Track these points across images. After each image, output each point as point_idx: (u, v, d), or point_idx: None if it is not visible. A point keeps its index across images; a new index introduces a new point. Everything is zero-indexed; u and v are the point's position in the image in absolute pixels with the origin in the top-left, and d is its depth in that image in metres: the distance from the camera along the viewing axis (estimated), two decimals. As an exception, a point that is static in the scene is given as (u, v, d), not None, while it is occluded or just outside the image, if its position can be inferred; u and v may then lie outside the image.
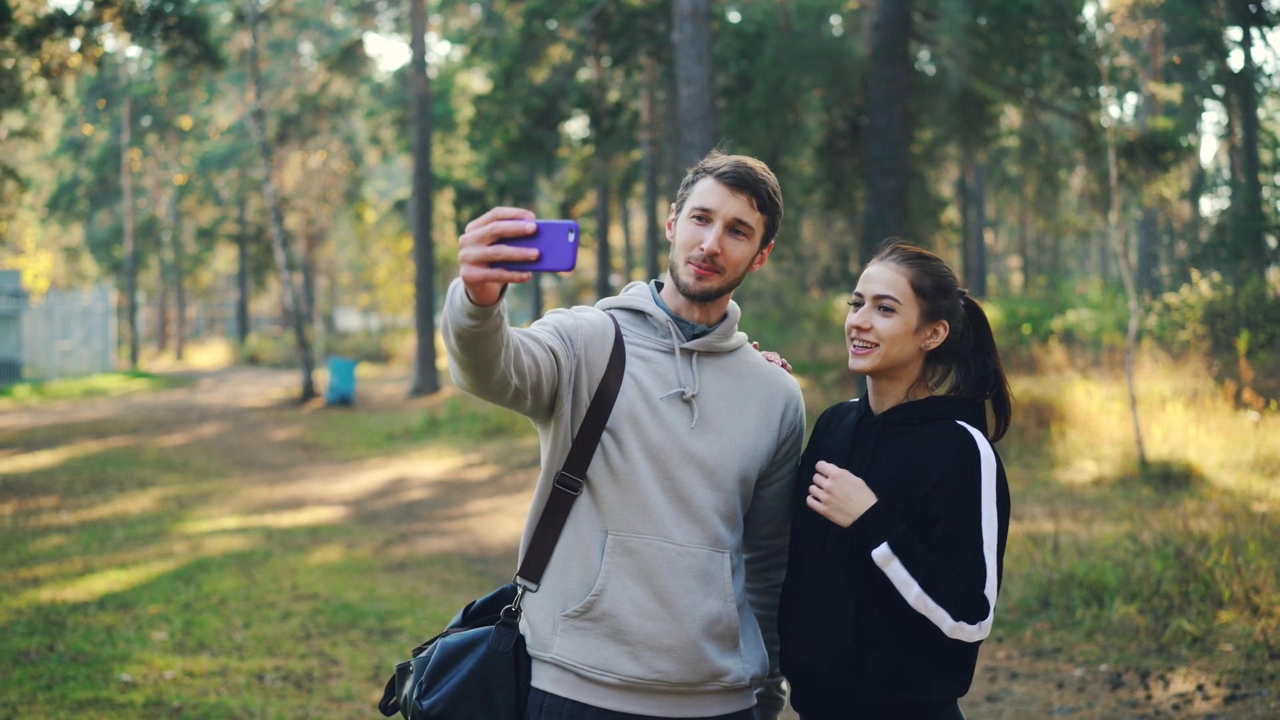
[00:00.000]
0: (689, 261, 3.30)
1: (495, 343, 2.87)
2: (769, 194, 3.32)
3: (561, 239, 2.66)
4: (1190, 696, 7.34)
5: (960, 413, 3.37)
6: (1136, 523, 10.99)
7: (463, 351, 2.88)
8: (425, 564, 11.93)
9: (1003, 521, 3.26)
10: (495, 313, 2.78)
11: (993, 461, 3.27)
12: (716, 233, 3.27)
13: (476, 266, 2.67)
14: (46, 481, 17.16)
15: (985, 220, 44.43)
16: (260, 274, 54.20)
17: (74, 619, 9.36)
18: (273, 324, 73.59)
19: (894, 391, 3.43)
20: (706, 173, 3.34)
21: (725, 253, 3.28)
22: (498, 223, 2.67)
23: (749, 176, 3.30)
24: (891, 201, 18.66)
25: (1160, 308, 21.57)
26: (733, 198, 3.28)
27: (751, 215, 3.30)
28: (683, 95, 17.63)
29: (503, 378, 2.99)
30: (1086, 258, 60.60)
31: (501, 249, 2.65)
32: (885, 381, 3.43)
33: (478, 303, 2.74)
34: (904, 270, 3.39)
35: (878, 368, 3.38)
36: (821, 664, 3.31)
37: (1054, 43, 18.83)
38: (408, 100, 38.60)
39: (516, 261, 2.65)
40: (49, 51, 22.87)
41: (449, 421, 24.34)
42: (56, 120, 55.66)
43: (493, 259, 2.65)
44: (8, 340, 36.70)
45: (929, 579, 3.18)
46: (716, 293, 3.33)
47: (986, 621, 3.19)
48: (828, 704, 3.35)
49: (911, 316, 3.36)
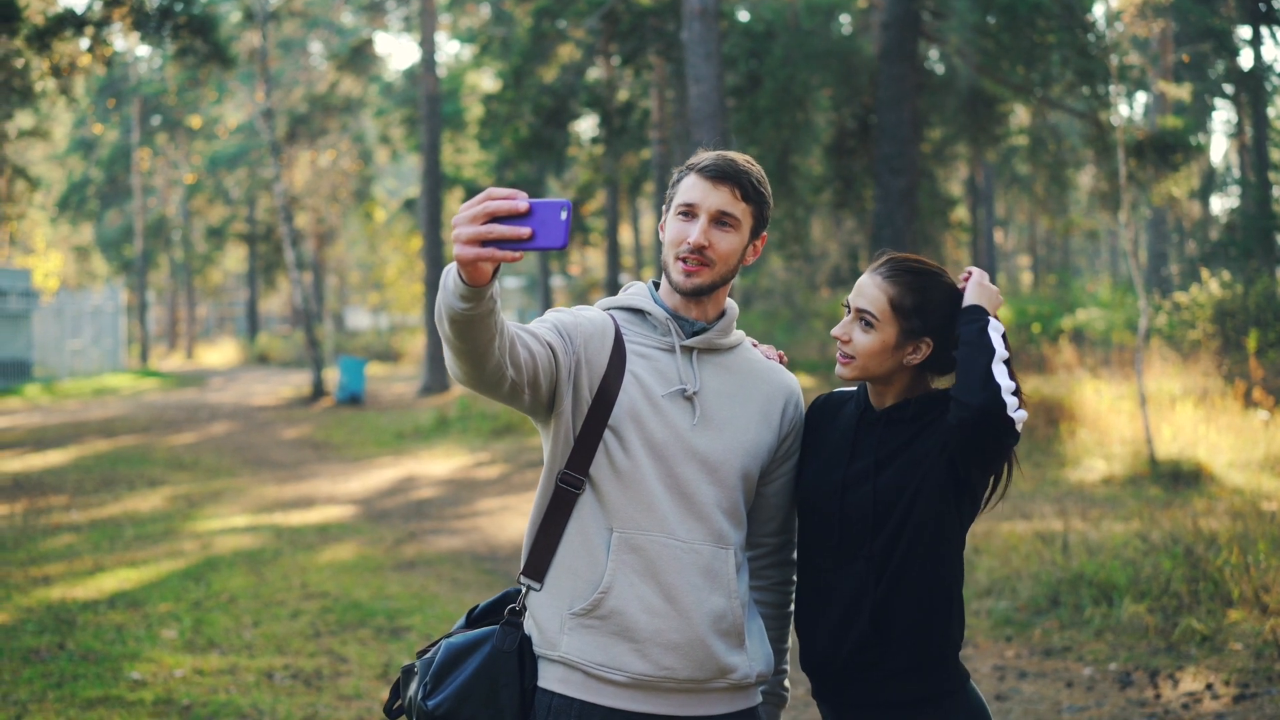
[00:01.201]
0: (678, 258, 3.31)
1: (489, 328, 2.86)
2: (752, 184, 3.32)
3: (554, 217, 2.66)
4: (1199, 695, 7.33)
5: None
6: (1146, 522, 10.97)
7: (456, 337, 2.88)
8: (435, 562, 11.94)
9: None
10: (488, 295, 2.78)
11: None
12: (701, 226, 3.28)
13: (469, 245, 2.67)
14: (57, 480, 17.19)
15: (995, 219, 44.41)
16: (270, 273, 54.26)
17: (84, 617, 9.38)
18: (282, 323, 73.66)
19: (890, 392, 3.45)
20: (690, 169, 3.36)
21: (713, 245, 3.29)
22: (490, 202, 2.67)
23: (730, 168, 3.31)
24: (900, 200, 18.66)
25: (1170, 306, 21.56)
26: (715, 190, 3.29)
27: (736, 206, 3.30)
28: (692, 94, 17.64)
29: (498, 368, 2.99)
30: (1097, 256, 60.54)
31: (494, 228, 2.66)
32: (880, 384, 3.46)
33: (470, 283, 2.73)
34: (887, 287, 3.40)
35: (857, 379, 3.42)
36: (841, 655, 3.33)
37: (1063, 41, 18.81)
38: (417, 99, 38.62)
39: (509, 240, 2.66)
40: (59, 51, 22.93)
41: (459, 420, 24.35)
42: (66, 120, 55.83)
43: (485, 238, 2.66)
44: (18, 339, 36.77)
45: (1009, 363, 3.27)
46: (709, 287, 3.33)
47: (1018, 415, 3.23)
48: (849, 695, 3.36)
49: (889, 334, 3.38)
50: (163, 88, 51.83)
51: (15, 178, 32.92)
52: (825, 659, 3.39)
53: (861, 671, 3.34)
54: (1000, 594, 9.67)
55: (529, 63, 25.57)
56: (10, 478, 17.34)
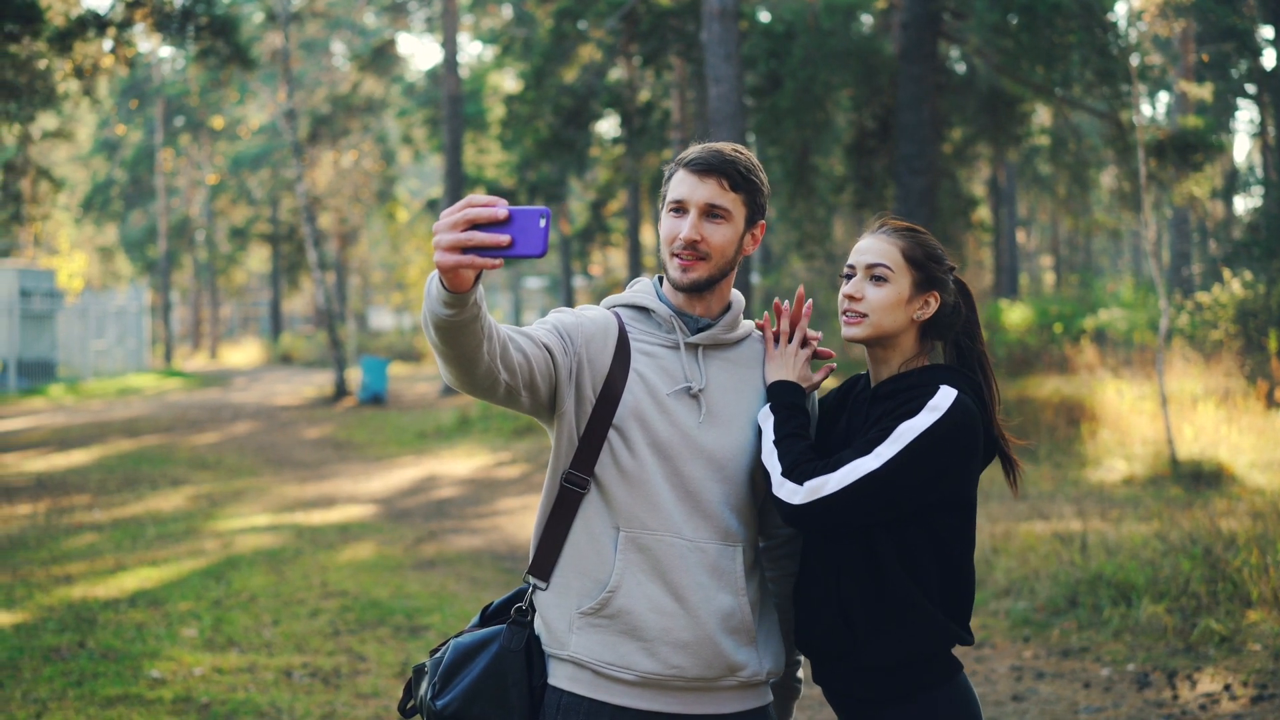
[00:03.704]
0: (673, 255, 3.32)
1: (475, 333, 2.88)
2: (740, 173, 3.31)
3: (533, 225, 2.68)
4: (1217, 696, 7.31)
5: (946, 377, 3.34)
6: (1165, 522, 10.94)
7: (443, 343, 2.89)
8: (454, 561, 11.98)
9: (899, 468, 3.18)
10: (471, 301, 2.80)
11: (944, 417, 3.22)
12: (692, 220, 3.28)
13: (449, 253, 2.69)
14: (80, 480, 17.28)
15: (1017, 219, 44.27)
16: (293, 273, 54.40)
17: (105, 616, 9.43)
18: (306, 323, 73.89)
19: (890, 363, 3.43)
20: (678, 165, 3.37)
21: (706, 239, 3.29)
22: (470, 209, 2.69)
23: (715, 159, 3.30)
24: (920, 200, 18.64)
25: (1192, 306, 21.47)
26: (703, 183, 3.29)
27: (725, 197, 3.30)
28: (712, 95, 17.66)
29: (489, 372, 3.00)
30: (1119, 257, 60.31)
31: (474, 235, 2.67)
32: (880, 350, 3.43)
33: (452, 289, 2.76)
34: (896, 241, 3.41)
35: (869, 336, 3.38)
36: (816, 634, 3.33)
37: (1083, 41, 18.75)
38: (439, 100, 38.70)
39: (489, 247, 2.68)
40: (81, 52, 23.01)
41: (480, 420, 24.39)
42: (90, 121, 56.06)
43: (465, 245, 2.68)
44: (43, 340, 36.93)
45: (784, 440, 3.26)
46: (707, 281, 3.33)
47: (802, 488, 3.17)
48: (837, 672, 3.36)
49: (904, 285, 3.37)
50: (185, 89, 52.03)
51: (39, 179, 33.03)
52: (805, 643, 3.40)
53: (833, 661, 3.34)
54: (1018, 594, 9.66)
55: (550, 63, 25.59)
56: (34, 477, 17.43)
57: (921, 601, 3.24)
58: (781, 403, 3.35)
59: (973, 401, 3.31)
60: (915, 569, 3.27)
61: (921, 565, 3.27)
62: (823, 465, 3.20)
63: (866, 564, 3.26)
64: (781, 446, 3.26)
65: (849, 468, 3.17)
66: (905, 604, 3.24)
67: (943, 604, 3.30)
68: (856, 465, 3.18)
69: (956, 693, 3.33)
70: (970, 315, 3.52)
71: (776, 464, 3.24)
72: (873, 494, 3.17)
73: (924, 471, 3.20)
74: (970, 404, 3.28)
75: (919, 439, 3.19)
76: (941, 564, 3.30)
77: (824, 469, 3.19)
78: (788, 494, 3.19)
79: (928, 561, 3.28)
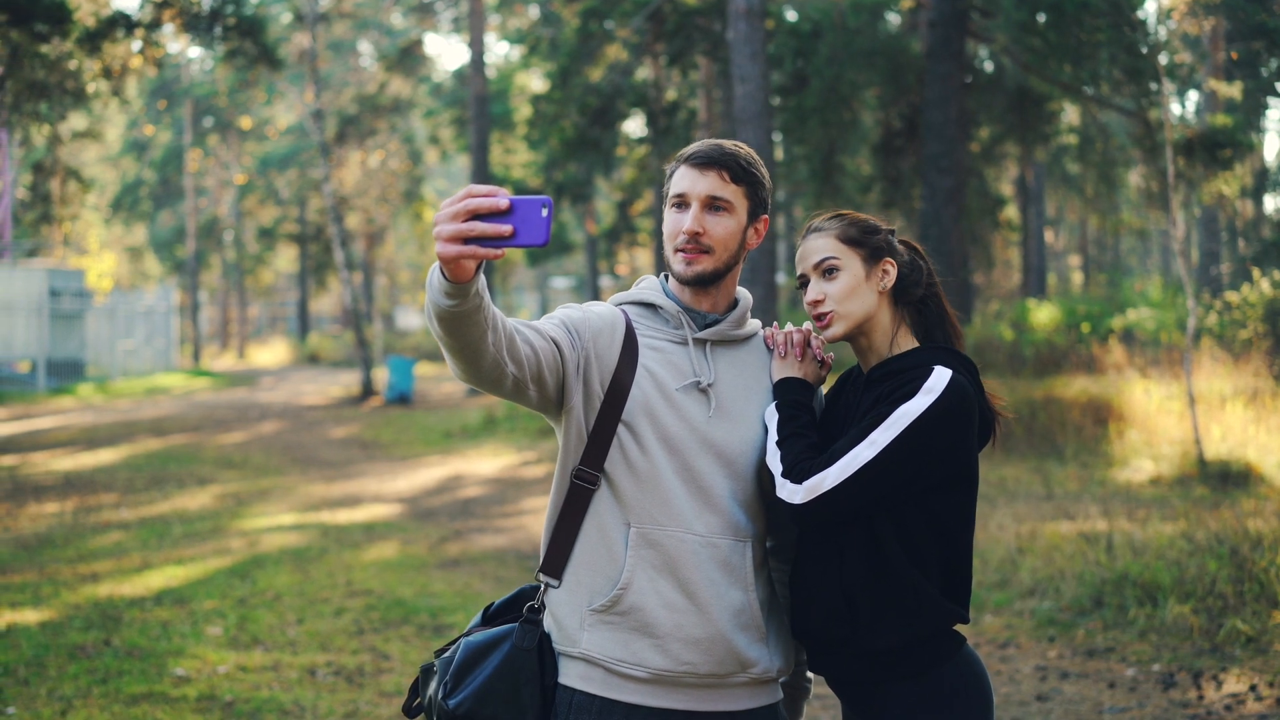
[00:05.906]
0: (677, 249, 3.31)
1: (478, 324, 2.87)
2: (740, 165, 3.31)
3: (535, 214, 2.67)
4: (1243, 697, 7.27)
5: (939, 358, 3.32)
6: (1192, 522, 10.89)
7: (447, 334, 2.88)
8: (479, 560, 11.98)
9: (897, 453, 3.18)
10: (473, 291, 2.78)
11: (940, 398, 3.21)
12: (694, 213, 3.28)
13: (450, 243, 2.67)
14: (108, 479, 17.35)
15: (1045, 218, 44.13)
16: (320, 273, 54.57)
17: (130, 614, 9.47)
18: (333, 323, 74.07)
19: (875, 348, 3.41)
20: (679, 161, 3.36)
21: (708, 231, 3.28)
22: (471, 199, 2.68)
23: (715, 152, 3.30)
24: (947, 199, 18.60)
25: (1220, 306, 21.36)
26: (703, 176, 3.29)
27: (725, 189, 3.29)
28: (737, 94, 17.64)
29: (495, 364, 2.99)
30: (1148, 256, 60.09)
31: (475, 225, 2.66)
32: (863, 339, 3.41)
33: (453, 280, 2.74)
34: (828, 231, 3.40)
35: (849, 329, 3.37)
36: (815, 621, 3.32)
37: (1111, 39, 18.68)
38: (466, 100, 38.78)
39: (491, 238, 2.66)
40: (110, 53, 23.15)
41: (506, 420, 24.41)
42: (119, 121, 56.38)
43: (466, 235, 2.66)
44: (72, 339, 37.11)
45: (785, 440, 3.26)
46: (711, 274, 3.33)
47: (801, 487, 3.17)
48: (837, 660, 3.35)
49: (856, 266, 3.35)
50: (214, 89, 52.27)
51: (68, 179, 33.27)
52: (802, 631, 3.39)
53: (835, 648, 3.33)
54: (1044, 594, 9.62)
55: (576, 63, 25.62)
56: (62, 476, 17.52)
57: (921, 583, 3.24)
58: (787, 400, 3.35)
59: (967, 381, 3.29)
60: (914, 550, 3.26)
61: (920, 546, 3.26)
62: (820, 461, 3.20)
63: (868, 546, 3.25)
64: (783, 447, 3.27)
65: (846, 459, 3.17)
66: (905, 586, 3.24)
67: (942, 583, 3.29)
68: (853, 456, 3.18)
69: (964, 664, 3.32)
70: (928, 266, 3.51)
71: (778, 465, 3.25)
72: (872, 482, 3.17)
73: (924, 453, 3.20)
74: (965, 383, 3.26)
75: (916, 421, 3.18)
76: (941, 544, 3.28)
77: (821, 465, 3.19)
78: (789, 494, 3.20)
79: (926, 542, 3.26)
